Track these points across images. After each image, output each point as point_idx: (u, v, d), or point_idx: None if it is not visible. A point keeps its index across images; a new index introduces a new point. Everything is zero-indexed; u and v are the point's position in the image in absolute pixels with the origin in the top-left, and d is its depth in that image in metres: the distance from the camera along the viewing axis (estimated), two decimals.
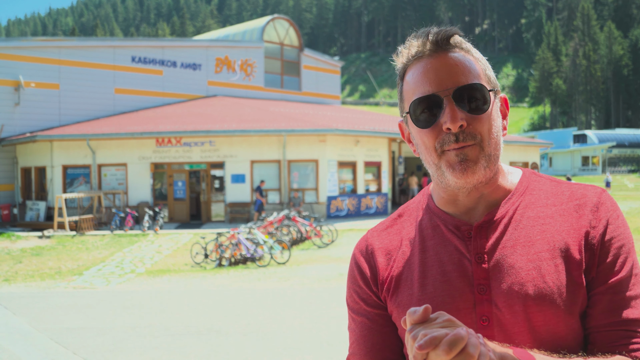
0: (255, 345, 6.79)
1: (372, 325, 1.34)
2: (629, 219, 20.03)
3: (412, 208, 1.40)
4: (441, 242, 1.28)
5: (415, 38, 1.26)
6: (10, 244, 18.67)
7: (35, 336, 7.47)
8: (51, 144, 24.24)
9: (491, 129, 1.22)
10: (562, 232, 1.22)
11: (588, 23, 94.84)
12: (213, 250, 14.01)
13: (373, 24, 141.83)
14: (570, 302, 1.18)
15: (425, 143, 1.23)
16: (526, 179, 1.33)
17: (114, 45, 29.53)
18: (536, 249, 1.21)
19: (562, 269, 1.19)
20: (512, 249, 1.22)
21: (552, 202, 1.27)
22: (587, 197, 1.26)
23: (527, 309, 1.17)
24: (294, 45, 36.50)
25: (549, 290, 1.17)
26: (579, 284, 1.18)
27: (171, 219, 24.15)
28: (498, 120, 1.26)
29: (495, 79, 1.29)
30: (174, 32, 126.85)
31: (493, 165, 1.24)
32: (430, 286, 1.25)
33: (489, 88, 1.24)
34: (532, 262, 1.20)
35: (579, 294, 1.18)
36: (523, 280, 1.19)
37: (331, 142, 23.59)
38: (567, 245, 1.20)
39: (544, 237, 1.22)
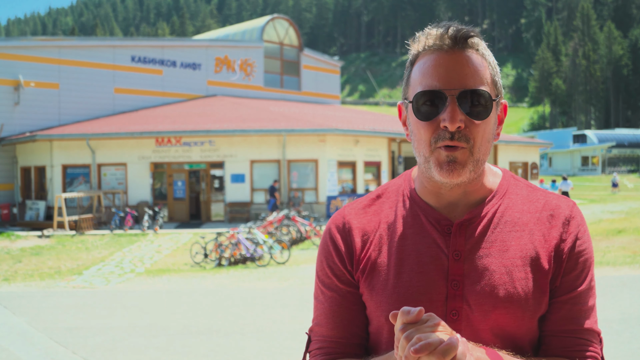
0: (255, 345, 6.80)
1: (342, 302, 1.37)
2: (629, 219, 20.04)
3: (392, 191, 1.42)
4: (420, 232, 1.32)
5: (434, 29, 1.27)
6: (9, 243, 18.67)
7: (34, 336, 7.47)
8: (51, 143, 24.24)
9: (485, 135, 1.25)
10: (534, 241, 1.29)
11: (588, 23, 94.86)
12: (213, 250, 14.01)
13: (373, 24, 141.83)
14: (535, 307, 1.26)
15: (421, 134, 1.26)
16: (506, 182, 1.38)
17: (114, 45, 29.52)
18: (510, 255, 1.28)
19: (531, 276, 1.26)
20: (488, 250, 1.28)
21: (527, 208, 1.33)
22: (560, 209, 1.33)
23: (495, 310, 1.24)
24: (294, 45, 36.50)
25: (517, 295, 1.25)
26: (544, 292, 1.27)
27: (171, 218, 24.15)
28: (493, 127, 1.29)
29: (501, 86, 1.31)
30: (174, 31, 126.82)
31: (479, 169, 1.27)
32: (406, 275, 1.29)
33: (493, 96, 1.26)
34: (505, 266, 1.27)
35: (542, 301, 1.27)
36: (495, 282, 1.25)
37: (331, 142, 23.59)
38: (538, 255, 1.28)
39: (518, 243, 1.29)
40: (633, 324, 6.79)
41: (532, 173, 33.60)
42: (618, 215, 21.58)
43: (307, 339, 1.44)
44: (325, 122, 25.11)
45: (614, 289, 9.09)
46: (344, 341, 1.37)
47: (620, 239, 15.07)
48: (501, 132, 1.44)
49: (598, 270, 10.82)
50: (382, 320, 1.31)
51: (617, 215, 21.84)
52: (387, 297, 1.29)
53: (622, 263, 11.45)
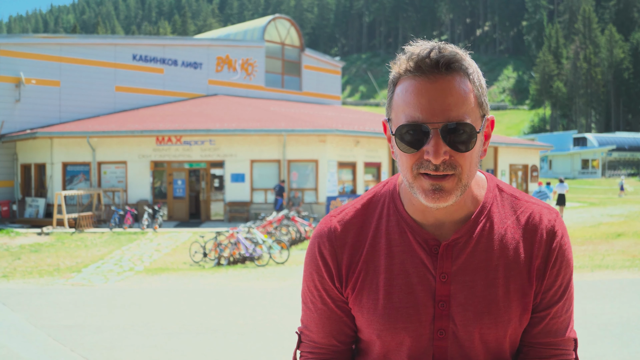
0: (253, 344, 6.79)
1: (331, 315, 1.41)
2: (629, 223, 20.04)
3: (379, 201, 1.41)
4: (408, 251, 1.33)
5: (417, 49, 1.23)
6: (9, 240, 18.67)
7: (33, 333, 7.47)
8: (51, 140, 24.24)
9: (472, 162, 1.24)
10: (518, 260, 1.31)
11: (589, 26, 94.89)
12: (212, 249, 14.01)
13: (374, 25, 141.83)
14: (518, 324, 1.31)
15: (403, 162, 1.25)
16: (491, 194, 1.37)
17: (115, 43, 29.52)
18: (495, 275, 1.31)
19: (516, 297, 1.30)
20: (474, 271, 1.31)
21: (511, 222, 1.34)
22: (542, 224, 1.34)
23: (481, 328, 1.28)
24: (295, 45, 36.50)
25: (501, 316, 1.29)
26: (527, 310, 1.32)
27: (170, 217, 24.15)
28: (479, 150, 1.27)
29: (487, 102, 1.29)
30: (175, 30, 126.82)
31: (464, 191, 1.26)
32: (396, 296, 1.31)
33: (478, 122, 1.24)
34: (491, 286, 1.30)
35: (525, 318, 1.32)
36: (480, 303, 1.29)
37: (331, 143, 23.59)
38: (522, 275, 1.31)
39: (505, 263, 1.31)
40: (632, 327, 6.79)
41: (532, 175, 33.59)
42: (618, 219, 21.58)
43: (298, 338, 1.48)
44: (325, 123, 25.11)
45: (613, 292, 9.09)
46: (334, 348, 1.42)
47: (619, 243, 15.06)
48: (502, 135, 1.45)
49: (597, 274, 10.82)
50: (374, 338, 1.35)
51: (616, 218, 21.85)
52: (378, 317, 1.32)
53: (621, 267, 11.45)
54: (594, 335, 6.48)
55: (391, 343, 1.33)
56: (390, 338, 1.32)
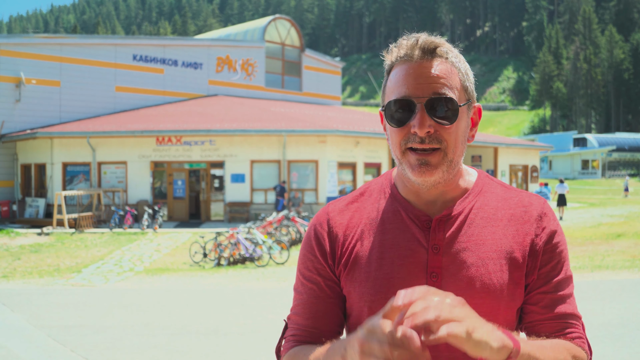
0: (253, 345, 6.79)
1: (319, 294, 1.45)
2: (629, 223, 20.05)
3: (374, 189, 1.50)
4: (400, 227, 1.40)
5: (406, 40, 1.35)
6: (9, 240, 18.67)
7: (33, 333, 7.47)
8: (51, 141, 24.24)
9: (457, 138, 1.32)
10: (508, 237, 1.37)
11: (589, 27, 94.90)
12: (212, 249, 14.01)
13: (374, 25, 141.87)
14: (509, 298, 1.34)
15: (393, 139, 1.35)
16: (481, 181, 1.46)
17: (116, 43, 29.53)
18: (485, 248, 1.35)
19: (506, 269, 1.34)
20: (465, 244, 1.35)
21: (501, 205, 1.41)
22: (532, 206, 1.40)
23: (472, 300, 1.27)
24: (295, 45, 36.51)
25: (492, 286, 1.32)
26: (519, 284, 1.35)
27: (170, 217, 24.15)
28: (465, 129, 1.37)
29: (473, 90, 1.38)
30: (176, 31, 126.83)
31: (452, 169, 1.35)
32: (387, 267, 1.37)
33: (462, 101, 1.34)
34: (481, 259, 1.34)
35: (516, 293, 1.35)
36: (472, 274, 1.33)
37: (331, 143, 23.59)
38: (512, 249, 1.35)
39: (493, 238, 1.36)
40: (632, 327, 6.79)
41: (532, 176, 33.60)
42: (617, 219, 21.57)
43: (284, 325, 1.52)
44: (325, 123, 25.11)
45: (614, 293, 9.09)
46: (317, 331, 1.45)
47: (619, 243, 15.06)
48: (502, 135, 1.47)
49: (597, 274, 10.83)
50: (365, 310, 1.38)
51: (616, 219, 21.84)
52: (369, 288, 1.37)
53: (621, 267, 11.45)
54: (594, 335, 6.48)
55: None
56: (380, 309, 1.33)
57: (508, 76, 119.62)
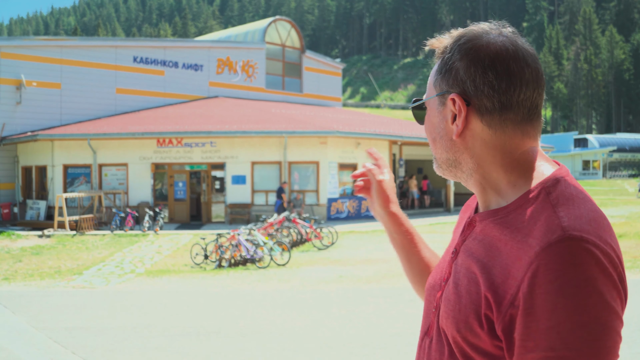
0: (255, 346, 6.79)
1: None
2: (630, 224, 20.01)
3: None
4: (461, 229, 1.34)
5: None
6: (10, 242, 18.67)
7: (34, 335, 7.47)
8: (52, 143, 24.25)
9: (432, 137, 1.28)
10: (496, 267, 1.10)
11: (589, 27, 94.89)
12: (213, 251, 14.01)
13: (375, 27, 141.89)
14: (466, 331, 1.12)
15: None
16: (525, 197, 1.14)
17: (116, 45, 29.55)
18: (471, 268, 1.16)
19: (475, 300, 1.12)
20: (467, 256, 1.20)
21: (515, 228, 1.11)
22: (535, 242, 1.04)
23: (443, 314, 1.21)
24: (296, 46, 36.52)
25: (456, 310, 1.16)
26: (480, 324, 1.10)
27: (171, 219, 24.15)
28: (439, 125, 1.24)
29: (453, 80, 1.19)
30: (176, 32, 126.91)
31: (448, 168, 1.26)
32: (436, 266, 1.39)
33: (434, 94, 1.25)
34: (463, 276, 1.17)
35: (475, 330, 1.10)
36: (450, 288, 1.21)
37: (332, 144, 23.59)
38: (491, 284, 1.09)
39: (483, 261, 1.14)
40: (633, 328, 6.79)
41: None
42: (618, 220, 21.55)
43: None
44: (326, 124, 25.11)
45: None
46: None
47: (620, 244, 14.96)
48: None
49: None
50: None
51: (617, 219, 21.82)
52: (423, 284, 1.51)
53: None
54: None
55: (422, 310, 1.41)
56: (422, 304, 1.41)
57: None
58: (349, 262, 13.59)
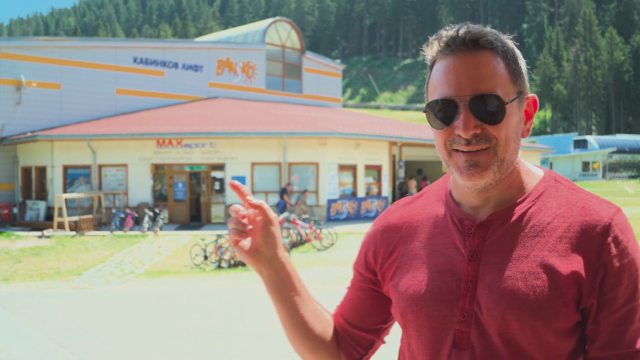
0: (254, 347, 6.79)
1: (361, 295, 1.45)
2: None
3: (433, 190, 1.43)
4: (444, 232, 1.32)
5: (445, 31, 1.25)
6: (9, 243, 18.67)
7: (33, 336, 7.46)
8: (52, 143, 24.25)
9: (508, 134, 1.22)
10: (561, 250, 1.20)
11: (589, 29, 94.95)
12: (212, 252, 14.00)
13: (375, 28, 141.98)
14: (549, 318, 1.18)
15: (437, 140, 1.27)
16: (544, 183, 1.30)
17: (116, 46, 29.56)
18: (529, 260, 1.21)
19: (552, 286, 1.18)
20: (507, 254, 1.23)
21: (562, 212, 1.25)
22: (599, 215, 1.22)
23: (505, 315, 1.19)
24: (296, 47, 36.53)
25: (530, 303, 1.18)
26: (565, 304, 1.18)
27: (171, 220, 24.14)
28: (517, 125, 1.25)
29: (525, 81, 1.27)
30: (176, 33, 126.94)
31: (505, 169, 1.23)
32: (423, 274, 1.30)
33: (510, 95, 1.22)
34: (522, 272, 1.20)
35: (563, 313, 1.18)
36: (508, 287, 1.20)
37: (332, 145, 23.59)
38: (563, 264, 1.19)
39: (542, 250, 1.21)
40: None
41: None
42: None
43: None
44: (326, 125, 25.11)
45: None
46: (349, 326, 1.45)
47: None
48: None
49: None
50: (398, 317, 1.34)
51: None
52: (402, 295, 1.31)
53: None
54: None
55: (411, 324, 1.30)
56: (411, 317, 1.29)
57: None
58: (349, 263, 13.58)
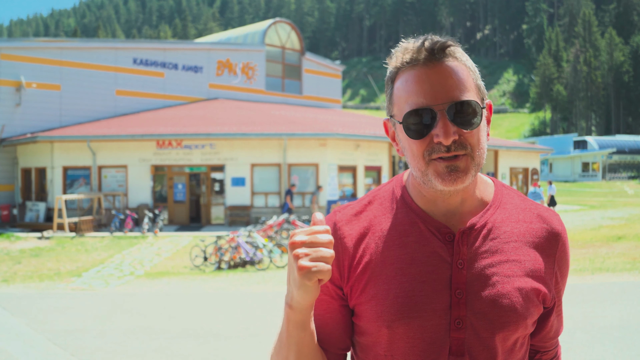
0: (254, 348, 6.79)
1: (324, 310, 1.36)
2: (629, 226, 20.03)
3: (385, 197, 1.40)
4: (419, 240, 1.30)
5: (410, 43, 1.26)
6: (9, 244, 18.66)
7: (33, 337, 7.46)
8: (52, 145, 24.24)
9: (480, 139, 1.26)
10: (531, 254, 1.33)
11: (589, 29, 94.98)
12: (212, 253, 14.00)
13: (374, 29, 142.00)
14: (531, 317, 1.31)
15: (413, 150, 1.26)
16: (500, 191, 1.40)
17: (116, 47, 29.56)
18: (510, 265, 1.30)
19: (531, 287, 1.30)
20: (490, 260, 1.29)
21: (522, 218, 1.36)
22: (553, 224, 1.37)
23: (499, 318, 1.27)
24: (296, 48, 36.54)
25: (520, 304, 1.28)
26: (540, 302, 1.32)
27: (171, 221, 24.14)
28: (485, 129, 1.30)
29: (484, 87, 1.32)
30: (176, 34, 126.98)
31: (477, 172, 1.28)
32: (408, 284, 1.28)
33: (479, 102, 1.27)
34: (507, 276, 1.29)
35: (536, 311, 1.32)
36: (499, 291, 1.27)
37: (331, 146, 23.59)
38: (538, 267, 1.32)
39: (518, 254, 1.31)
40: (633, 330, 6.78)
41: (532, 179, 33.59)
42: (618, 222, 21.57)
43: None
44: (326, 126, 25.11)
45: (614, 295, 9.08)
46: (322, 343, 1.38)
47: (620, 245, 15.05)
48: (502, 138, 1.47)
49: (598, 277, 10.81)
50: (384, 330, 1.28)
51: (617, 221, 21.84)
52: (389, 307, 1.27)
53: (621, 269, 11.44)
54: (594, 338, 6.48)
55: (402, 336, 1.27)
56: (402, 329, 1.27)
57: (508, 79, 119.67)
58: None
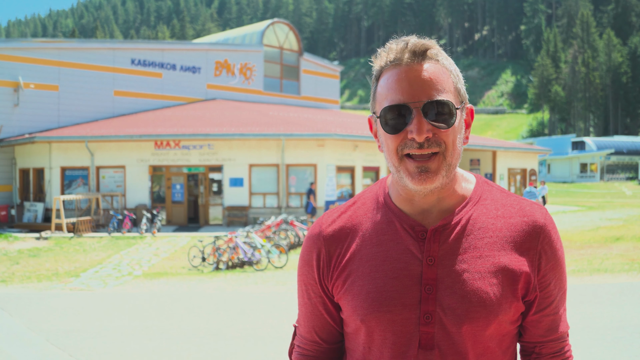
0: (252, 349, 6.78)
1: (313, 310, 1.48)
2: (627, 227, 20.05)
3: (368, 197, 1.48)
4: (394, 239, 1.37)
5: (394, 44, 1.33)
6: (7, 245, 18.64)
7: (31, 338, 7.45)
8: (50, 145, 24.22)
9: (455, 140, 1.31)
10: (507, 249, 1.34)
11: (587, 30, 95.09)
12: (210, 253, 14.00)
13: (373, 29, 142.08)
14: (506, 312, 1.32)
15: (388, 145, 1.32)
16: (480, 187, 1.43)
17: (114, 48, 29.54)
18: (483, 261, 1.33)
19: (504, 282, 1.32)
20: (462, 256, 1.33)
21: (501, 213, 1.38)
22: (534, 217, 1.38)
23: (468, 314, 1.29)
24: (294, 49, 36.54)
25: (490, 300, 1.30)
26: (517, 298, 1.33)
27: (169, 221, 24.13)
28: (462, 131, 1.35)
29: (465, 91, 1.37)
30: (174, 35, 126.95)
31: (451, 173, 1.33)
32: (381, 280, 1.34)
33: (456, 103, 1.32)
34: (479, 272, 1.32)
35: (513, 306, 1.33)
36: (468, 287, 1.31)
37: (330, 147, 23.59)
38: (512, 262, 1.33)
39: (492, 250, 1.34)
40: (631, 331, 6.79)
41: (530, 179, 33.63)
42: (616, 223, 21.59)
43: (294, 330, 1.57)
44: (324, 127, 25.12)
45: (612, 296, 9.09)
46: (316, 345, 1.50)
47: (618, 246, 15.07)
48: (500, 139, 1.48)
49: (596, 278, 10.82)
50: (358, 323, 1.37)
51: (615, 222, 21.86)
52: (361, 301, 1.35)
53: (620, 270, 11.45)
54: (592, 339, 6.48)
55: (375, 329, 1.35)
56: (374, 322, 1.34)
57: (506, 80, 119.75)
58: None
